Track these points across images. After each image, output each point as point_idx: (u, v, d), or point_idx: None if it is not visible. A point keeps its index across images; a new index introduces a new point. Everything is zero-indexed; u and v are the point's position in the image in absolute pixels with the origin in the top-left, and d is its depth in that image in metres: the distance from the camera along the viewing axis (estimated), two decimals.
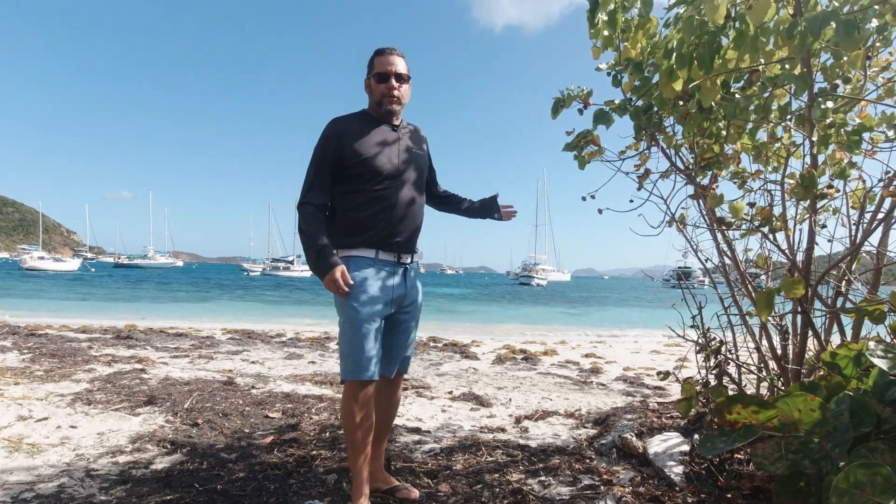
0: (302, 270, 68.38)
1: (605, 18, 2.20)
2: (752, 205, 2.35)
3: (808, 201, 2.12)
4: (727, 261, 2.64)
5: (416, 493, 2.26)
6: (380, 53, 2.12)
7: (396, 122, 2.17)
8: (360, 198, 2.06)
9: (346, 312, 2.01)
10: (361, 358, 1.97)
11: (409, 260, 2.13)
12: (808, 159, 2.22)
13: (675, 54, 2.02)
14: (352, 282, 1.98)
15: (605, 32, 2.28)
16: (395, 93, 2.08)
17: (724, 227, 2.47)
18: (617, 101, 2.38)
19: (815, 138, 1.89)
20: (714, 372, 2.69)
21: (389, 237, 2.06)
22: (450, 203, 2.46)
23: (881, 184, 2.17)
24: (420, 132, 2.28)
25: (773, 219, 2.28)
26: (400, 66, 2.10)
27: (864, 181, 2.34)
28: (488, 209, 2.40)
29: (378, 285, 2.03)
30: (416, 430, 3.38)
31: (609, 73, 2.35)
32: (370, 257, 2.06)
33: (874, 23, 1.67)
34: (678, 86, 2.07)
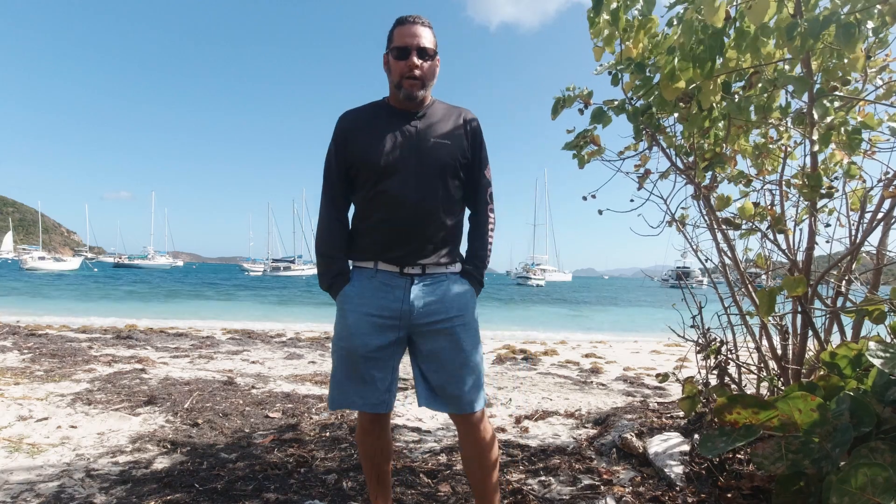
0: (302, 270, 68.43)
1: (608, 18, 2.19)
2: (756, 205, 2.35)
3: (809, 201, 2.13)
4: (727, 261, 2.64)
5: None
6: (400, 23, 1.72)
7: (420, 110, 1.76)
8: (361, 202, 1.78)
9: (334, 329, 1.80)
10: (333, 385, 1.76)
11: (417, 270, 1.73)
12: (807, 160, 2.22)
13: (677, 56, 2.01)
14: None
15: (606, 31, 2.28)
16: (417, 72, 1.68)
17: (728, 228, 2.47)
18: (616, 101, 2.38)
19: (815, 137, 1.89)
20: (714, 372, 2.69)
21: (389, 244, 1.72)
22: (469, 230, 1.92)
23: (881, 184, 2.17)
24: (459, 116, 1.81)
25: (781, 220, 2.28)
26: (425, 38, 1.69)
27: (864, 181, 2.35)
28: None
29: (370, 303, 1.71)
30: (416, 430, 3.38)
31: (610, 73, 2.35)
32: (369, 267, 1.76)
33: (870, 25, 1.67)
34: (680, 86, 2.06)
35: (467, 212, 1.90)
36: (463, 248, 1.89)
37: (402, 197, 1.69)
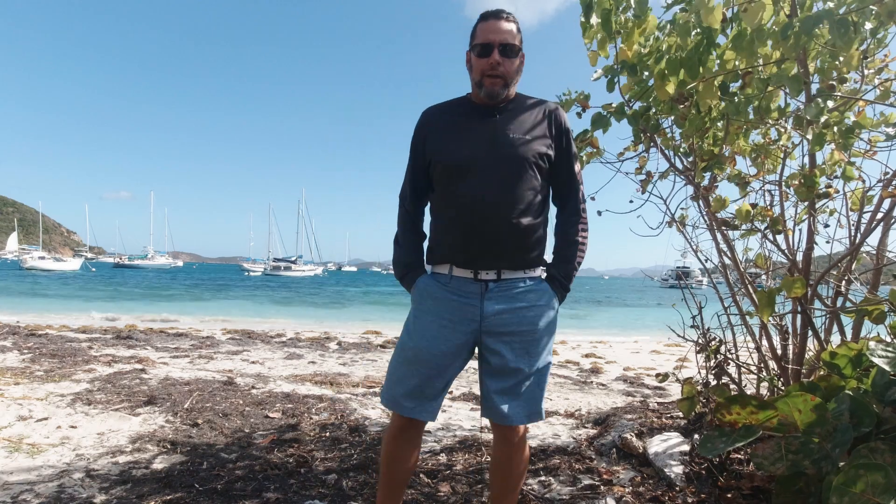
0: (303, 271, 68.42)
1: (599, 21, 2.19)
2: (753, 206, 2.36)
3: (805, 202, 2.13)
4: (727, 261, 2.64)
5: None
6: (483, 19, 1.64)
7: (501, 105, 1.68)
8: (438, 202, 1.71)
9: (405, 327, 1.75)
10: (389, 382, 1.70)
11: (491, 276, 1.64)
12: (806, 160, 2.22)
13: (664, 59, 2.02)
14: None
15: (600, 36, 2.28)
16: (500, 69, 1.60)
17: (726, 228, 2.48)
18: (614, 105, 2.38)
19: (809, 137, 1.89)
20: (714, 372, 2.69)
21: (463, 246, 1.63)
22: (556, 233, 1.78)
23: (880, 184, 2.17)
24: (543, 109, 1.70)
25: (779, 221, 2.29)
26: (509, 34, 1.61)
27: (863, 181, 2.35)
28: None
29: (444, 309, 1.65)
30: None
31: (606, 76, 2.35)
32: (444, 273, 1.69)
33: (868, 25, 1.67)
34: (671, 88, 2.07)
35: (551, 213, 1.79)
36: (547, 252, 1.78)
37: (477, 195, 1.60)
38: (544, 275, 1.74)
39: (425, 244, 1.81)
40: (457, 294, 1.65)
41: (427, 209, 1.84)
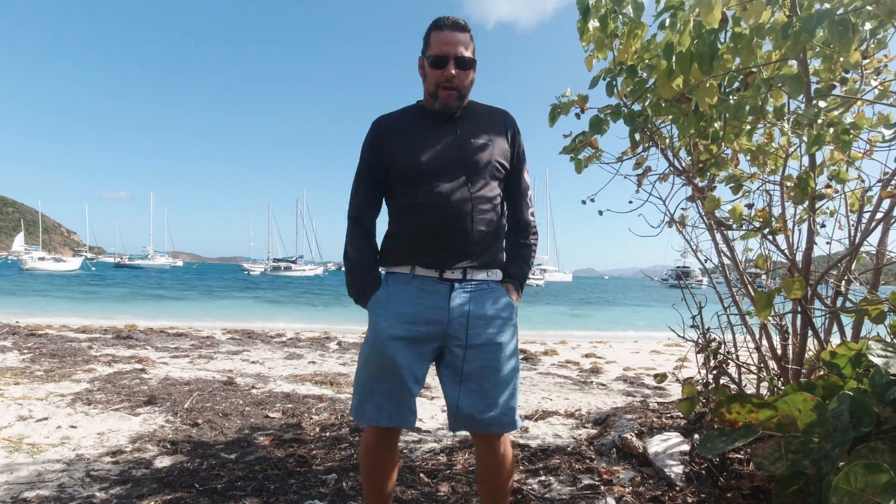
0: (303, 270, 68.42)
1: (597, 24, 2.19)
2: (750, 206, 2.35)
3: (807, 202, 2.13)
4: (726, 261, 2.64)
5: None
6: (437, 27, 1.63)
7: (457, 112, 1.70)
8: (398, 206, 1.70)
9: (365, 336, 1.70)
10: (359, 394, 1.66)
11: (457, 275, 1.63)
12: (805, 160, 2.22)
13: (674, 54, 2.01)
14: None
15: (596, 37, 2.28)
16: (456, 82, 1.61)
17: (723, 228, 2.48)
18: (611, 108, 2.38)
19: (806, 138, 1.89)
20: (714, 372, 2.69)
21: (427, 248, 1.63)
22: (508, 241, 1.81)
23: (879, 184, 2.17)
24: (499, 117, 1.75)
25: (773, 220, 2.28)
26: (463, 46, 1.61)
27: (862, 181, 2.35)
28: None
29: (404, 310, 1.62)
30: (416, 430, 3.38)
31: (604, 79, 2.35)
32: (404, 273, 1.66)
33: (868, 26, 1.67)
34: (677, 84, 2.06)
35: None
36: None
37: (443, 200, 1.60)
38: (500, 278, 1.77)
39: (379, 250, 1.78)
40: (420, 290, 1.63)
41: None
